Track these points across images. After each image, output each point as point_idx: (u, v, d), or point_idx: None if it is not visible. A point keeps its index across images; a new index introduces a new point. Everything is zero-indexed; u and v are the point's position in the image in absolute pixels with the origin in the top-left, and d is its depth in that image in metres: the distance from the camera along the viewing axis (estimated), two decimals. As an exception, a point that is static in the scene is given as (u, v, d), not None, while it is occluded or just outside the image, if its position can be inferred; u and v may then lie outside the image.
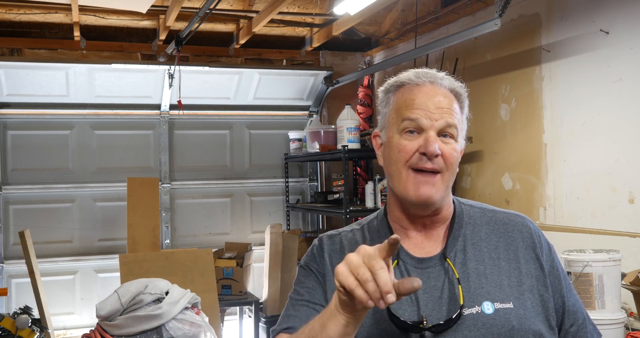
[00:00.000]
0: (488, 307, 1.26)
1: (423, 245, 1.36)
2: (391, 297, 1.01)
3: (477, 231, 1.37)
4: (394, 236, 1.03)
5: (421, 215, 1.36)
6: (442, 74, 1.38)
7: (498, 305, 1.26)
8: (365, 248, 1.06)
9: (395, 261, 1.33)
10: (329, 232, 1.46)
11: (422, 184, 1.29)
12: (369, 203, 4.76)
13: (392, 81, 1.39)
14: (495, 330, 1.24)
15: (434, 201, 1.31)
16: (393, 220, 1.40)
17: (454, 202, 1.42)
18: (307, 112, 6.15)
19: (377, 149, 1.41)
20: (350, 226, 1.47)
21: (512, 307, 1.27)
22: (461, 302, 1.25)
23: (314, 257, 1.40)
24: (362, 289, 1.02)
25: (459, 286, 1.27)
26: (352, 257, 1.06)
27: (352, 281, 1.03)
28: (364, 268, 1.03)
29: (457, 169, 1.36)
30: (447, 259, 1.31)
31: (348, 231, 1.45)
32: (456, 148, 1.32)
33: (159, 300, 3.68)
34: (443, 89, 1.35)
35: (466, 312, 1.26)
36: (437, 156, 1.28)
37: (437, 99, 1.32)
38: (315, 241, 1.45)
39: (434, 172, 1.30)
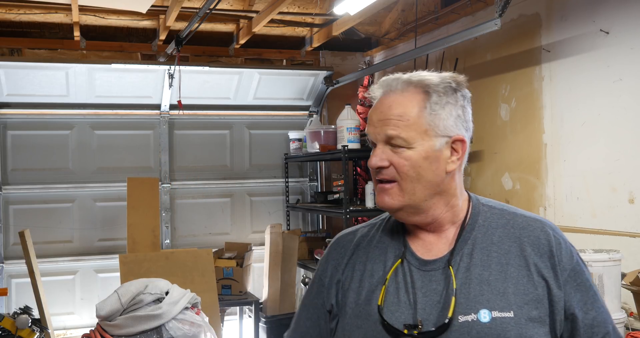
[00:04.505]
0: (485, 315, 1.23)
1: (432, 246, 1.34)
2: None
3: (490, 234, 1.32)
4: None
5: (415, 223, 1.36)
6: (402, 76, 1.33)
7: (496, 314, 1.23)
8: None
9: (399, 260, 1.33)
10: (346, 230, 1.51)
11: (380, 192, 1.33)
12: (369, 203, 4.76)
13: (370, 92, 1.40)
14: None
15: (394, 208, 1.32)
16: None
17: (472, 202, 1.39)
18: (307, 112, 6.15)
19: None
20: (372, 220, 1.49)
21: (512, 316, 1.22)
22: (450, 314, 1.23)
23: (326, 257, 1.47)
24: None
25: (453, 297, 1.24)
26: None
27: None
28: None
29: (433, 173, 1.29)
30: (450, 267, 1.28)
31: (365, 226, 1.48)
32: (411, 156, 1.28)
33: (159, 300, 3.68)
34: (393, 97, 1.31)
35: (461, 319, 1.23)
36: (382, 167, 1.30)
37: (380, 111, 1.32)
38: (332, 240, 1.52)
39: (390, 181, 1.31)
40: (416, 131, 1.28)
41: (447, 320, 1.22)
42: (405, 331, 1.23)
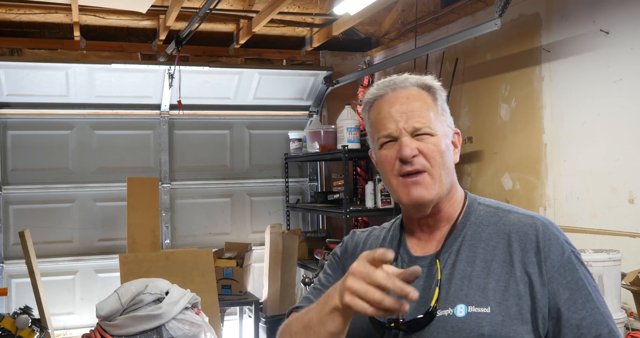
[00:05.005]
0: (460, 310, 1.23)
1: (425, 244, 1.38)
2: (414, 294, 1.08)
3: (480, 231, 1.34)
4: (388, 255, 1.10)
5: (422, 216, 1.37)
6: (404, 76, 1.39)
7: (472, 309, 1.23)
8: (356, 269, 1.12)
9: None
10: (362, 229, 1.56)
11: (411, 185, 1.31)
12: (369, 203, 4.76)
13: (364, 100, 1.42)
14: (462, 334, 1.21)
15: (428, 200, 1.32)
16: (405, 221, 1.45)
17: (468, 200, 1.40)
18: (307, 112, 6.15)
19: (376, 166, 1.46)
20: (386, 223, 1.54)
21: (488, 311, 1.22)
22: (432, 303, 1.25)
23: (342, 246, 1.52)
24: (382, 308, 1.09)
25: (436, 288, 1.26)
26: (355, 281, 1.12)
27: (368, 307, 1.10)
28: (372, 289, 1.09)
29: (450, 161, 1.36)
30: (438, 260, 1.31)
31: (378, 227, 1.53)
32: (436, 142, 1.32)
33: (159, 300, 3.68)
34: (406, 91, 1.35)
35: (439, 313, 1.25)
36: (414, 156, 1.31)
37: (399, 105, 1.34)
38: (349, 233, 1.57)
39: (420, 172, 1.32)
40: (436, 120, 1.34)
41: (430, 309, 1.24)
42: (392, 324, 1.26)
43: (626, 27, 3.30)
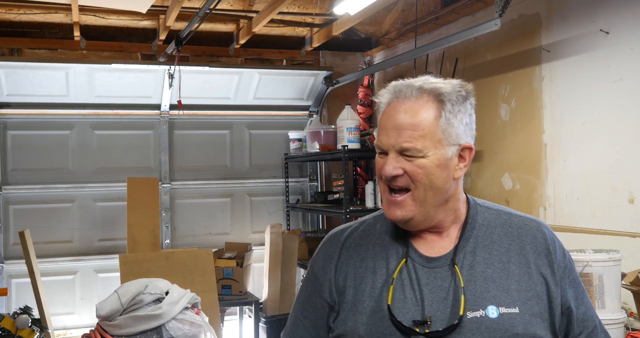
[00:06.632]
0: (492, 311, 1.26)
1: (434, 244, 1.37)
2: None
3: (490, 233, 1.36)
4: None
5: (420, 230, 1.37)
6: (415, 83, 1.31)
7: (503, 310, 1.26)
8: None
9: (404, 259, 1.34)
10: (339, 227, 1.51)
11: (391, 205, 1.33)
12: (369, 203, 4.76)
13: (378, 95, 1.38)
14: (498, 335, 1.24)
15: (405, 220, 1.32)
16: None
17: (469, 203, 1.41)
18: (307, 112, 6.15)
19: None
20: (361, 219, 1.50)
21: (517, 311, 1.27)
22: (461, 312, 1.25)
23: (319, 254, 1.47)
24: None
25: (462, 295, 1.27)
26: None
27: None
28: None
29: (443, 180, 1.30)
30: (455, 265, 1.31)
31: (359, 222, 1.48)
32: (425, 164, 1.27)
33: (159, 300, 3.68)
34: (408, 102, 1.29)
35: (470, 315, 1.26)
36: (397, 176, 1.29)
37: (394, 118, 1.29)
38: (325, 237, 1.51)
39: (403, 190, 1.31)
40: (430, 140, 1.28)
41: (457, 321, 1.25)
42: (417, 330, 1.25)
43: (626, 27, 3.30)
